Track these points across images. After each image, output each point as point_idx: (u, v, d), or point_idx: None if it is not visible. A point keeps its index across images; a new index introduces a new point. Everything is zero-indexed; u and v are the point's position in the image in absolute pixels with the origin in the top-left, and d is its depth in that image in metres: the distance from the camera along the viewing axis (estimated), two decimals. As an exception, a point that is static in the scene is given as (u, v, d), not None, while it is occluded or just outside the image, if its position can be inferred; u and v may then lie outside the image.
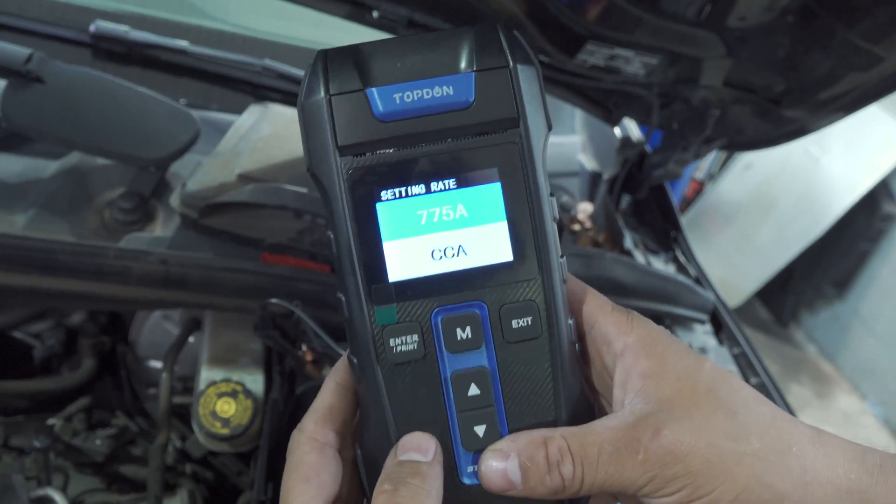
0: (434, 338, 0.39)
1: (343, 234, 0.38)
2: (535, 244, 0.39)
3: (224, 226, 1.05)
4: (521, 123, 0.38)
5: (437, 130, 0.38)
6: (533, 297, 0.39)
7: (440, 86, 0.38)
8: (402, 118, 0.37)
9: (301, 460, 0.40)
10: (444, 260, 0.39)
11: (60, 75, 1.04)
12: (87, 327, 1.18)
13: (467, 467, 0.39)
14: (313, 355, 1.02)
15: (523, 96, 0.38)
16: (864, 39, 0.94)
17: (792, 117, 1.14)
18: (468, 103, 0.38)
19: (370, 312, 0.38)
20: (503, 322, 0.39)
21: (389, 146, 0.38)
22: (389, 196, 0.38)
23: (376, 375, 0.38)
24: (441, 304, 0.39)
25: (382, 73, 0.38)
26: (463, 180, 0.38)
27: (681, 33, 0.99)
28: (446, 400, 0.39)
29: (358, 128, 0.37)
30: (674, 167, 1.32)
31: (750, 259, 3.39)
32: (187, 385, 1.13)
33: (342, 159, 0.38)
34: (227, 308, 1.05)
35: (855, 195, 3.07)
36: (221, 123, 1.23)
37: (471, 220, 0.39)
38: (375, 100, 0.37)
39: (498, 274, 0.39)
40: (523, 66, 0.39)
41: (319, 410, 0.42)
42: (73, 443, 1.01)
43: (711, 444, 0.36)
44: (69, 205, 1.06)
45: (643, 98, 1.21)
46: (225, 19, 1.43)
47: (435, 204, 0.38)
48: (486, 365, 0.39)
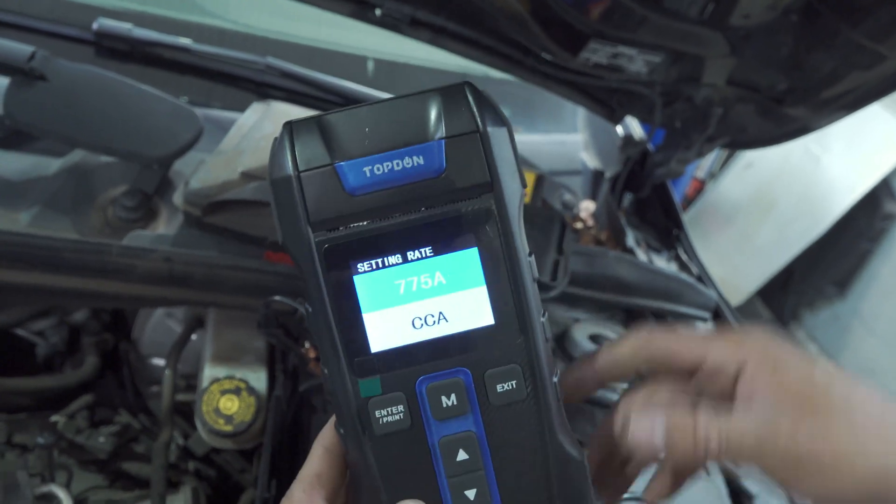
0: (420, 406, 0.39)
1: (321, 308, 0.38)
2: (515, 306, 0.39)
3: (227, 224, 1.05)
4: (494, 188, 0.38)
5: (410, 200, 0.37)
6: (516, 360, 0.39)
7: (410, 156, 0.37)
8: (373, 191, 0.37)
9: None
10: (426, 328, 0.39)
11: (63, 73, 1.04)
12: (90, 325, 1.18)
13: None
14: (316, 353, 1.02)
15: (496, 160, 0.38)
16: (868, 38, 0.95)
17: (794, 116, 1.14)
18: (440, 171, 0.37)
19: (354, 385, 0.38)
20: (488, 387, 0.39)
21: (363, 219, 0.37)
22: (366, 268, 0.38)
23: (364, 447, 0.39)
24: (425, 372, 0.39)
25: (351, 145, 0.37)
26: (439, 248, 0.38)
27: (684, 31, 0.99)
28: (435, 466, 0.39)
29: (329, 203, 0.37)
30: (676, 166, 1.33)
31: (750, 258, 3.39)
32: (190, 383, 1.13)
33: (315, 234, 0.37)
34: (231, 306, 1.05)
35: (856, 194, 3.07)
36: (224, 121, 1.23)
37: (449, 286, 0.38)
38: (346, 174, 0.37)
39: (480, 339, 0.39)
40: (493, 128, 0.38)
41: (308, 478, 0.42)
42: (76, 440, 1.02)
43: (835, 443, 0.41)
44: (72, 202, 1.06)
45: (646, 96, 1.21)
46: (227, 17, 1.43)
47: (413, 273, 0.38)
48: (473, 430, 0.39)
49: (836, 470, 0.41)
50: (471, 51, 1.11)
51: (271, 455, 0.90)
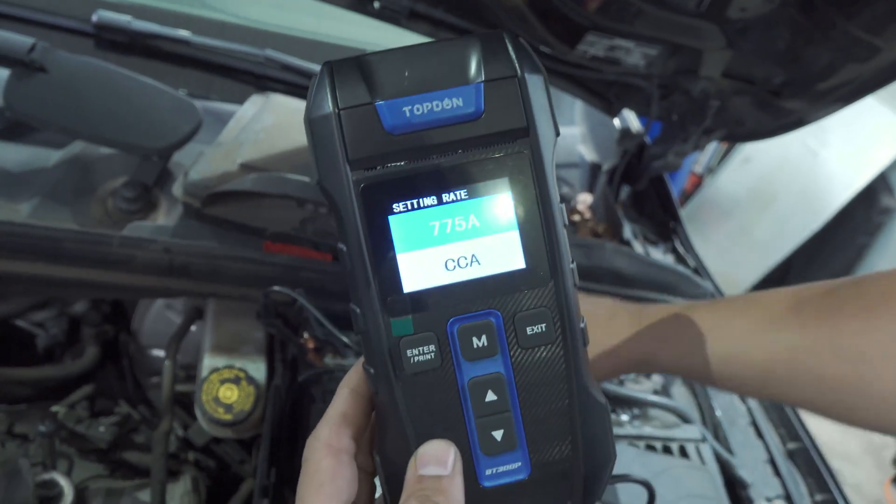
0: (450, 347, 0.39)
1: (356, 247, 0.38)
2: (547, 251, 0.39)
3: (226, 215, 1.06)
4: (530, 133, 0.38)
5: (447, 142, 0.38)
6: (546, 304, 0.39)
7: (449, 97, 0.38)
8: (412, 131, 0.37)
9: (317, 467, 0.40)
10: (458, 270, 0.39)
11: (63, 65, 1.05)
12: (90, 316, 1.19)
13: (486, 471, 0.40)
14: (315, 343, 1.03)
15: (532, 106, 0.38)
16: (863, 30, 0.95)
17: (791, 108, 1.15)
18: (478, 114, 0.38)
19: (386, 324, 0.38)
20: (517, 329, 0.39)
21: (400, 159, 0.38)
22: (402, 208, 0.38)
23: (394, 386, 0.39)
24: (456, 313, 0.39)
25: (391, 85, 0.37)
26: (474, 191, 0.38)
27: (681, 24, 1.00)
28: (464, 407, 0.39)
29: (368, 141, 0.37)
30: (673, 158, 1.33)
31: (748, 252, 3.40)
32: (190, 373, 1.13)
33: (353, 173, 0.38)
34: (230, 296, 1.06)
35: (853, 189, 3.08)
36: (223, 113, 1.24)
37: (483, 229, 0.39)
38: (385, 113, 0.37)
39: (511, 282, 0.39)
40: (531, 74, 0.38)
41: (334, 418, 0.42)
42: (76, 429, 1.02)
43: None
44: (72, 194, 1.07)
45: (643, 89, 1.21)
46: (227, 10, 1.43)
47: (447, 215, 0.38)
48: (501, 371, 0.40)
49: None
50: (469, 43, 1.12)
51: (270, 444, 0.90)
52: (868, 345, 0.55)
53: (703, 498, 0.94)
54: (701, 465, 1.00)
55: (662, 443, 1.02)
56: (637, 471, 0.95)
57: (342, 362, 0.99)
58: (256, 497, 0.85)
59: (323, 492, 0.39)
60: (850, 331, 0.56)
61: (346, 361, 0.97)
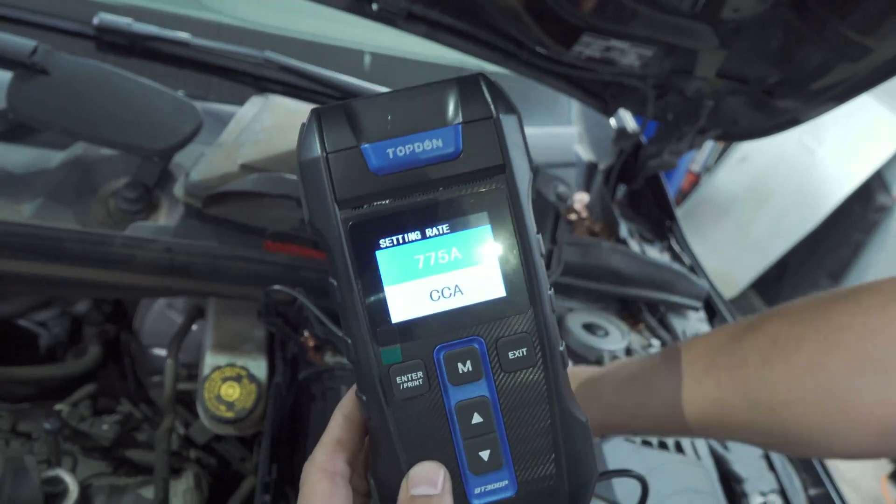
0: (437, 372, 0.41)
1: (346, 281, 0.40)
2: (525, 280, 0.42)
3: (227, 215, 1.07)
4: (507, 170, 0.41)
5: (429, 181, 0.40)
6: (526, 330, 0.42)
7: (430, 139, 0.40)
8: (395, 171, 0.40)
9: (313, 489, 0.42)
10: (442, 300, 0.41)
11: (65, 67, 1.06)
12: (92, 315, 1.20)
13: (475, 489, 0.42)
14: (315, 341, 1.04)
15: (507, 144, 0.41)
16: (855, 31, 0.96)
17: (785, 108, 1.16)
18: (457, 154, 0.40)
19: (376, 353, 0.41)
20: (500, 354, 0.42)
21: (385, 197, 0.40)
22: (388, 244, 0.41)
23: (385, 412, 0.41)
24: (442, 341, 0.41)
25: (374, 129, 0.40)
26: (455, 225, 0.41)
27: (675, 25, 1.01)
28: (452, 429, 0.42)
29: (355, 182, 0.40)
30: (669, 158, 1.34)
31: (746, 250, 3.41)
32: (191, 372, 1.15)
33: (342, 212, 0.40)
34: (231, 295, 1.07)
35: (849, 186, 3.09)
36: (223, 114, 1.25)
37: (465, 261, 0.41)
38: (370, 155, 0.40)
39: (493, 310, 0.42)
40: (506, 115, 0.41)
41: (329, 443, 0.44)
42: (80, 428, 1.03)
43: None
44: (75, 194, 1.08)
45: (639, 89, 1.23)
46: (226, 12, 1.44)
47: (431, 248, 0.41)
48: (486, 395, 0.42)
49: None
50: (466, 45, 1.13)
51: (271, 441, 0.92)
52: (771, 395, 0.58)
53: (699, 492, 0.96)
54: (696, 459, 1.02)
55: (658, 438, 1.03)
56: (633, 466, 0.96)
57: (342, 360, 1.01)
58: (258, 494, 0.86)
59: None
60: (756, 383, 0.60)
61: (345, 359, 0.98)
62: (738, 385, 0.61)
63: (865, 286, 0.56)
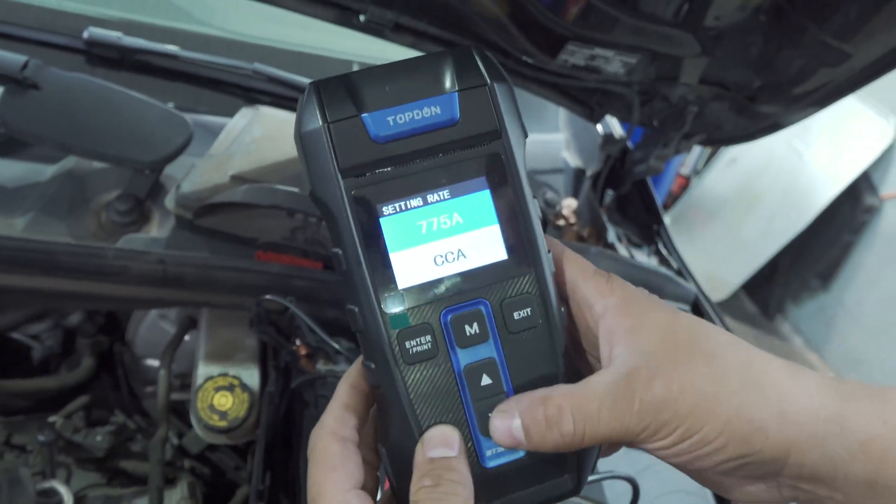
0: (445, 336, 0.42)
1: (352, 249, 0.41)
2: (524, 242, 0.42)
3: (218, 226, 1.08)
4: (502, 135, 0.42)
5: (428, 147, 0.41)
6: (529, 290, 0.42)
7: (428, 106, 0.41)
8: (396, 139, 0.41)
9: (325, 452, 0.42)
10: (446, 264, 0.42)
11: (56, 81, 1.07)
12: (85, 327, 1.21)
13: (487, 451, 0.42)
14: (307, 349, 1.05)
15: (502, 110, 0.42)
16: (834, 37, 0.98)
17: (767, 112, 1.18)
18: (454, 120, 0.41)
19: (384, 319, 0.41)
20: (505, 315, 0.42)
21: (387, 165, 0.41)
22: (391, 210, 0.41)
23: (395, 377, 0.41)
24: (448, 304, 0.42)
25: (374, 98, 0.41)
26: (456, 190, 0.42)
27: (657, 33, 1.03)
28: (461, 392, 0.42)
29: (357, 151, 0.40)
30: (655, 162, 1.36)
31: (736, 252, 3.43)
32: (184, 382, 1.15)
33: (344, 181, 0.40)
34: (223, 305, 1.08)
35: (837, 188, 3.12)
36: (213, 126, 1.26)
37: (466, 226, 0.42)
38: (371, 124, 0.40)
39: (495, 272, 0.42)
40: (499, 83, 0.42)
41: (337, 409, 0.44)
42: (73, 439, 1.04)
43: (696, 389, 0.39)
44: (67, 207, 1.09)
45: (624, 96, 1.24)
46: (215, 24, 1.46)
47: (433, 214, 0.42)
48: (494, 356, 0.42)
49: (695, 417, 0.38)
50: (453, 54, 1.14)
51: (265, 449, 0.92)
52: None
53: (688, 493, 0.97)
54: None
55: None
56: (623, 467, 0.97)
57: (334, 368, 1.02)
58: (252, 502, 0.87)
59: (335, 475, 0.41)
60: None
61: (337, 367, 0.99)
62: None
63: None
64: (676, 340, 0.40)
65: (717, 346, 0.41)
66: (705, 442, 0.38)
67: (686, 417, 0.38)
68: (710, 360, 0.40)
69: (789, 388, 0.40)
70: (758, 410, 0.39)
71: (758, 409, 0.39)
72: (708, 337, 0.41)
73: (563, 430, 0.39)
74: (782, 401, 0.39)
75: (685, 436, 0.38)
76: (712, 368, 0.40)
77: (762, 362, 0.41)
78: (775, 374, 0.40)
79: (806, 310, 3.54)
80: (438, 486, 0.39)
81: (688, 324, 0.42)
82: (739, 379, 0.39)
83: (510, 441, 0.40)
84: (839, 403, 0.40)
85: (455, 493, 0.39)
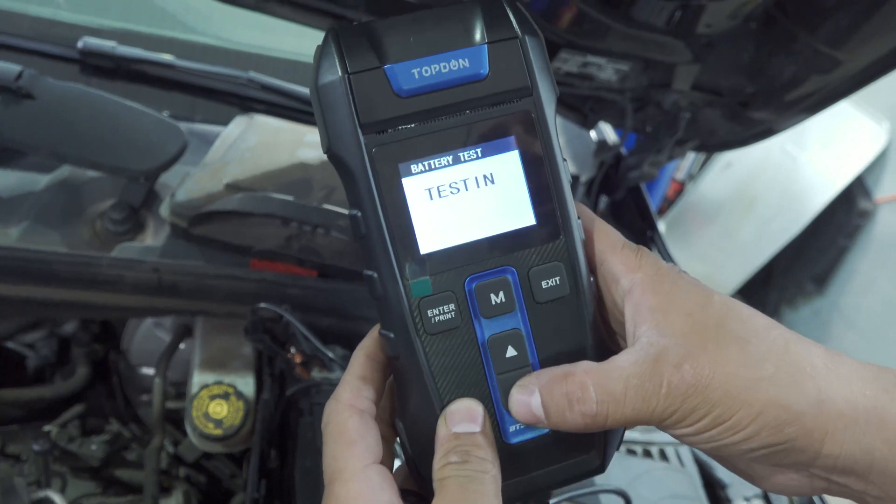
0: (469, 305, 0.39)
1: (372, 211, 0.38)
2: (555, 207, 0.40)
3: (213, 234, 1.08)
4: (533, 92, 0.40)
5: (455, 103, 0.39)
6: (558, 259, 0.40)
7: (456, 59, 0.39)
8: (421, 92, 0.38)
9: (343, 426, 0.40)
10: (471, 229, 0.39)
11: (50, 91, 1.07)
12: (80, 336, 1.21)
13: (510, 427, 0.40)
14: (302, 357, 1.05)
15: (534, 66, 0.40)
16: (824, 44, 0.99)
17: (760, 118, 1.19)
18: (483, 74, 0.39)
19: (406, 286, 0.38)
20: (532, 284, 0.40)
21: (411, 121, 0.38)
22: (414, 170, 0.38)
23: (416, 347, 0.39)
24: (472, 272, 0.39)
25: (398, 49, 0.38)
26: (484, 150, 0.39)
27: (649, 41, 1.03)
28: (485, 364, 0.40)
29: (379, 105, 0.38)
30: (649, 169, 1.37)
31: (731, 257, 3.44)
32: (179, 390, 1.15)
33: (365, 137, 0.38)
34: (218, 313, 1.08)
35: (832, 192, 3.13)
36: (208, 134, 1.26)
37: (493, 188, 0.39)
38: (394, 76, 0.38)
39: (523, 238, 0.40)
40: (531, 37, 0.40)
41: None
42: (69, 448, 1.04)
43: (728, 374, 0.36)
44: (61, 216, 1.09)
45: (617, 102, 1.25)
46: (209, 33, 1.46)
47: (458, 175, 0.39)
48: (520, 327, 0.40)
49: (726, 404, 0.36)
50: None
51: (260, 457, 0.93)
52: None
53: (683, 498, 0.97)
54: (680, 466, 1.03)
55: (642, 446, 1.04)
56: (618, 474, 0.97)
57: (329, 376, 1.02)
58: (247, 509, 0.87)
59: (355, 449, 0.39)
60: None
61: (332, 375, 0.99)
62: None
63: None
64: (707, 323, 0.38)
65: (751, 330, 0.39)
66: (736, 429, 0.37)
67: (717, 404, 0.36)
68: (745, 345, 0.38)
69: (827, 376, 0.38)
70: (794, 398, 0.37)
71: (794, 397, 0.37)
72: (742, 320, 0.39)
73: (585, 410, 0.37)
74: (819, 389, 0.37)
75: (715, 423, 0.37)
76: (746, 353, 0.37)
77: (799, 348, 0.39)
78: (813, 360, 0.38)
79: (801, 314, 3.54)
80: (466, 463, 0.37)
81: (720, 304, 0.39)
82: (775, 364, 0.37)
83: (529, 418, 0.39)
84: (880, 394, 0.38)
85: (484, 470, 0.37)
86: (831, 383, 0.38)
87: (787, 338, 0.39)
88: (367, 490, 0.38)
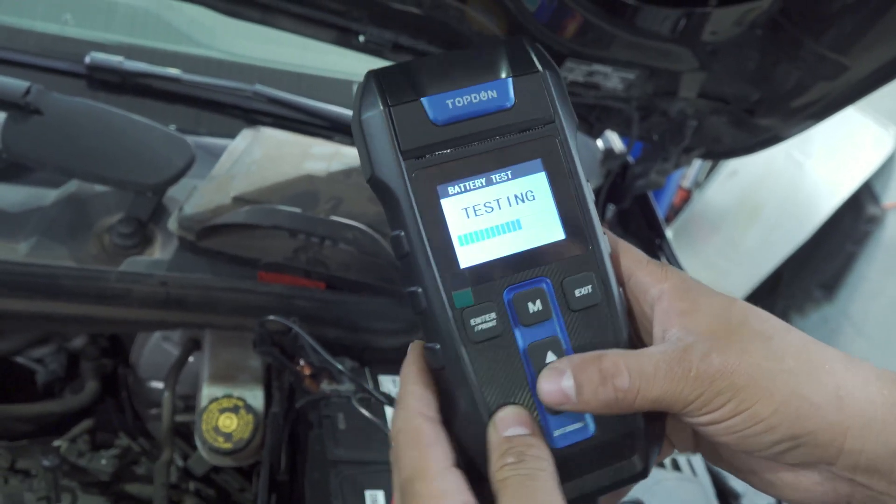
0: (508, 314, 0.42)
1: (414, 230, 0.41)
2: (581, 222, 0.43)
3: (221, 247, 1.08)
4: (556, 119, 0.44)
5: (486, 130, 0.43)
6: (589, 269, 0.43)
7: (485, 90, 0.43)
8: (455, 121, 0.42)
9: (418, 431, 0.41)
10: (506, 244, 0.43)
11: (58, 106, 1.08)
12: (89, 351, 1.21)
13: (555, 431, 0.42)
14: (311, 370, 1.05)
15: (555, 96, 0.44)
16: (830, 50, 0.99)
17: (766, 126, 1.18)
18: (510, 105, 0.43)
19: (449, 298, 0.41)
20: (566, 293, 0.43)
21: (447, 147, 0.42)
22: (452, 191, 0.42)
23: (462, 356, 0.41)
24: (510, 283, 0.42)
25: (432, 83, 0.42)
26: (514, 172, 0.43)
27: (654, 49, 1.03)
28: (527, 370, 0.42)
29: (417, 133, 0.42)
30: (656, 177, 1.36)
31: (738, 264, 3.43)
32: (188, 404, 1.15)
33: (406, 162, 0.41)
34: (226, 326, 1.08)
35: (839, 198, 3.12)
36: (215, 148, 1.26)
37: (525, 206, 0.43)
38: (430, 107, 0.42)
39: (555, 251, 0.43)
40: (550, 71, 0.44)
41: (416, 390, 0.43)
42: (78, 463, 1.04)
43: (752, 364, 0.39)
44: (69, 231, 1.09)
45: (623, 111, 1.25)
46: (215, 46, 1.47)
47: (492, 195, 0.43)
48: (557, 334, 0.43)
49: (750, 391, 0.38)
50: (452, 73, 1.15)
51: (270, 470, 0.92)
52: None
53: (696, 508, 0.97)
54: (693, 476, 1.02)
55: (654, 456, 1.04)
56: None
57: (338, 388, 1.02)
58: (257, 523, 0.87)
59: (434, 452, 0.40)
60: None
61: (341, 387, 0.99)
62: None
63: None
64: (731, 323, 0.41)
65: (772, 329, 0.41)
66: (758, 418, 0.38)
67: (741, 390, 0.38)
68: (767, 341, 0.40)
69: (845, 375, 0.40)
70: (814, 391, 0.39)
71: (814, 390, 0.39)
72: (763, 320, 0.42)
73: (618, 383, 0.39)
74: (839, 385, 0.39)
75: (738, 409, 0.38)
76: (768, 348, 0.40)
77: (818, 348, 0.41)
78: (831, 359, 0.40)
79: (810, 321, 3.52)
80: (523, 462, 0.39)
81: (743, 307, 0.42)
82: (796, 360, 0.40)
83: (559, 398, 0.40)
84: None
85: (541, 468, 0.39)
86: (850, 381, 0.39)
87: (805, 339, 0.41)
88: (451, 489, 0.39)
